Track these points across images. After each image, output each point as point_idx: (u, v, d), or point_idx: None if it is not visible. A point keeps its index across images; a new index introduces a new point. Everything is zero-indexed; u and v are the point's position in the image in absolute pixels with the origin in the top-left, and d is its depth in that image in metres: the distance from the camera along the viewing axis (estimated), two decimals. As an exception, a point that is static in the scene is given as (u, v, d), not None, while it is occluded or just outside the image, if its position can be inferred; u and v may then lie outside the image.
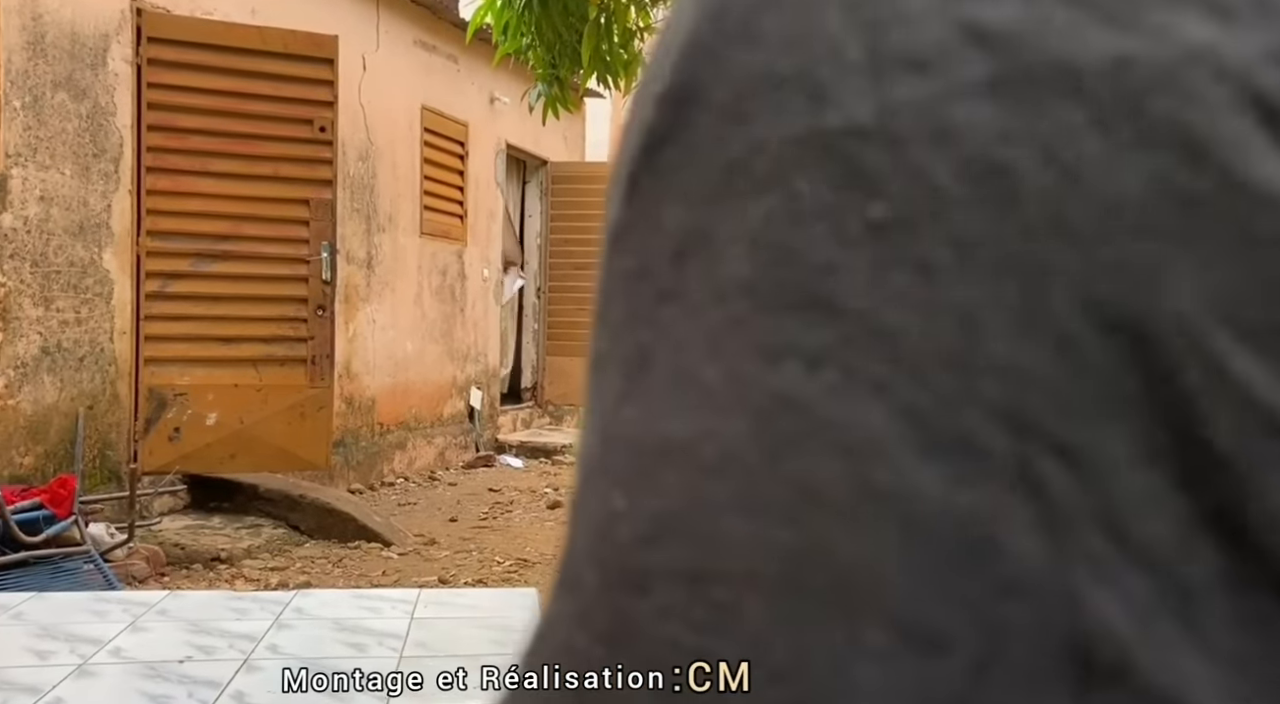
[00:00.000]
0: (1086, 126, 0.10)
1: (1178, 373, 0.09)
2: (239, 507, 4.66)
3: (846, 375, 0.10)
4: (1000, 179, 0.10)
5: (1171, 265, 0.09)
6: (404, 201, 6.14)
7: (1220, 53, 0.10)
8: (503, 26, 3.87)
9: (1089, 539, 0.09)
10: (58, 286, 4.02)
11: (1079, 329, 0.09)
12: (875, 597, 0.10)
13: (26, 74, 3.86)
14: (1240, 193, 0.09)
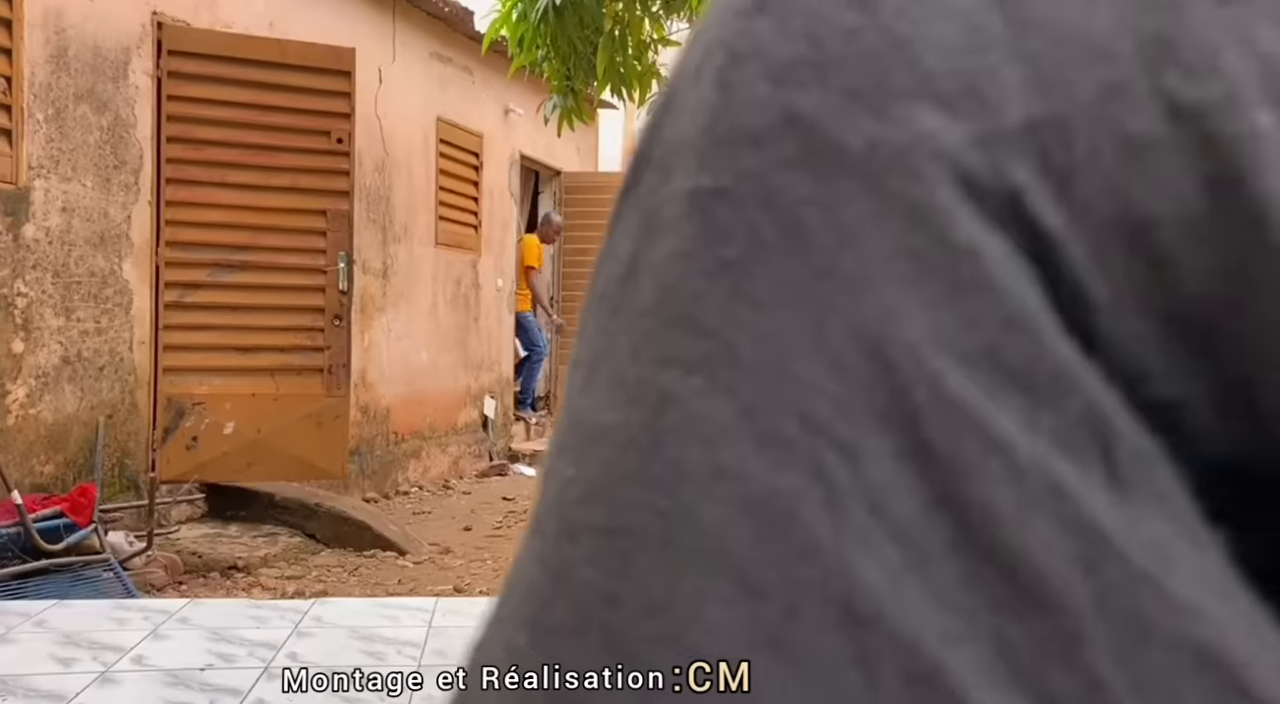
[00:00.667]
0: (854, 196, 0.13)
1: (910, 389, 0.12)
2: (255, 515, 4.68)
3: (709, 380, 0.13)
4: (801, 233, 0.13)
5: (906, 304, 0.12)
6: (419, 212, 6.18)
7: (939, 139, 0.12)
8: (518, 39, 3.90)
9: (858, 516, 0.12)
10: (78, 297, 4.06)
11: (847, 354, 0.12)
12: (722, 554, 0.12)
13: (49, 87, 3.91)
14: (950, 249, 0.12)
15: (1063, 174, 0.12)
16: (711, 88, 0.14)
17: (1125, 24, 0.12)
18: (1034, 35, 0.12)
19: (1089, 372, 0.12)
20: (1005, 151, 0.12)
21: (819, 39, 0.13)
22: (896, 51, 0.13)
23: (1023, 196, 0.12)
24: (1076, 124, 0.12)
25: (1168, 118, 0.12)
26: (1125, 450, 0.12)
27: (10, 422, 3.79)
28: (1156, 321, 0.12)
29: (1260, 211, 0.12)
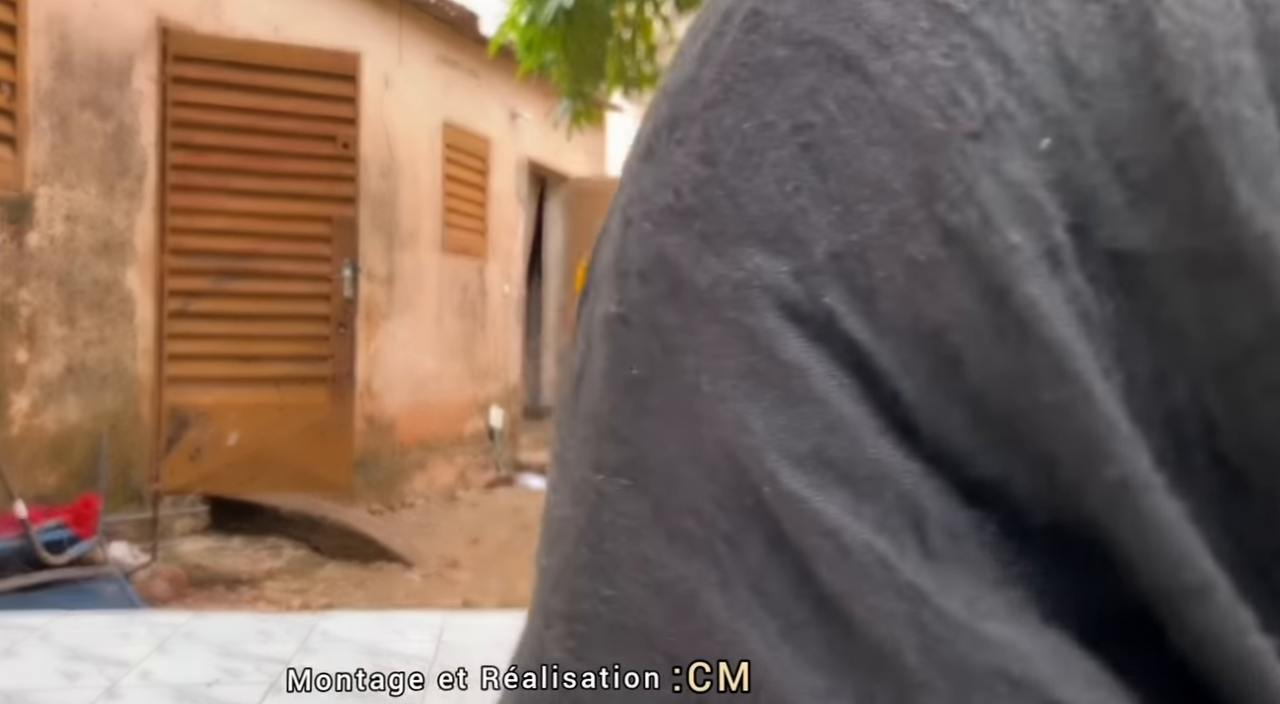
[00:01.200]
0: (705, 324, 0.15)
1: (759, 487, 0.14)
2: (259, 527, 4.63)
3: (631, 482, 0.15)
4: (676, 356, 0.15)
5: (749, 414, 0.15)
6: (425, 218, 6.13)
7: (764, 274, 0.15)
8: (526, 42, 3.86)
9: (743, 594, 0.14)
10: (82, 306, 4.01)
11: (716, 459, 0.15)
12: (650, 634, 0.15)
13: (53, 93, 3.87)
14: (780, 366, 0.14)
15: (865, 295, 0.14)
16: (618, 224, 0.17)
17: (901, 163, 0.14)
18: (833, 179, 0.14)
19: (903, 463, 0.14)
20: (817, 280, 0.14)
21: (680, 189, 0.16)
22: (730, 200, 0.15)
23: (835, 317, 0.14)
24: (871, 252, 0.14)
25: (941, 242, 0.14)
26: (935, 527, 0.14)
27: (14, 432, 3.74)
28: (962, 413, 0.14)
29: (1025, 315, 0.13)
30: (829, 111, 0.15)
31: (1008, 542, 0.14)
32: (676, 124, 0.16)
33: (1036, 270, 0.14)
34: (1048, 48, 0.14)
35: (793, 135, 0.15)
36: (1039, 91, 0.14)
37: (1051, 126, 0.14)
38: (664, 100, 0.17)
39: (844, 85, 0.15)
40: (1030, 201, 0.14)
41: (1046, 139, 0.14)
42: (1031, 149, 0.14)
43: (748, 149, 0.15)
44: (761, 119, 0.15)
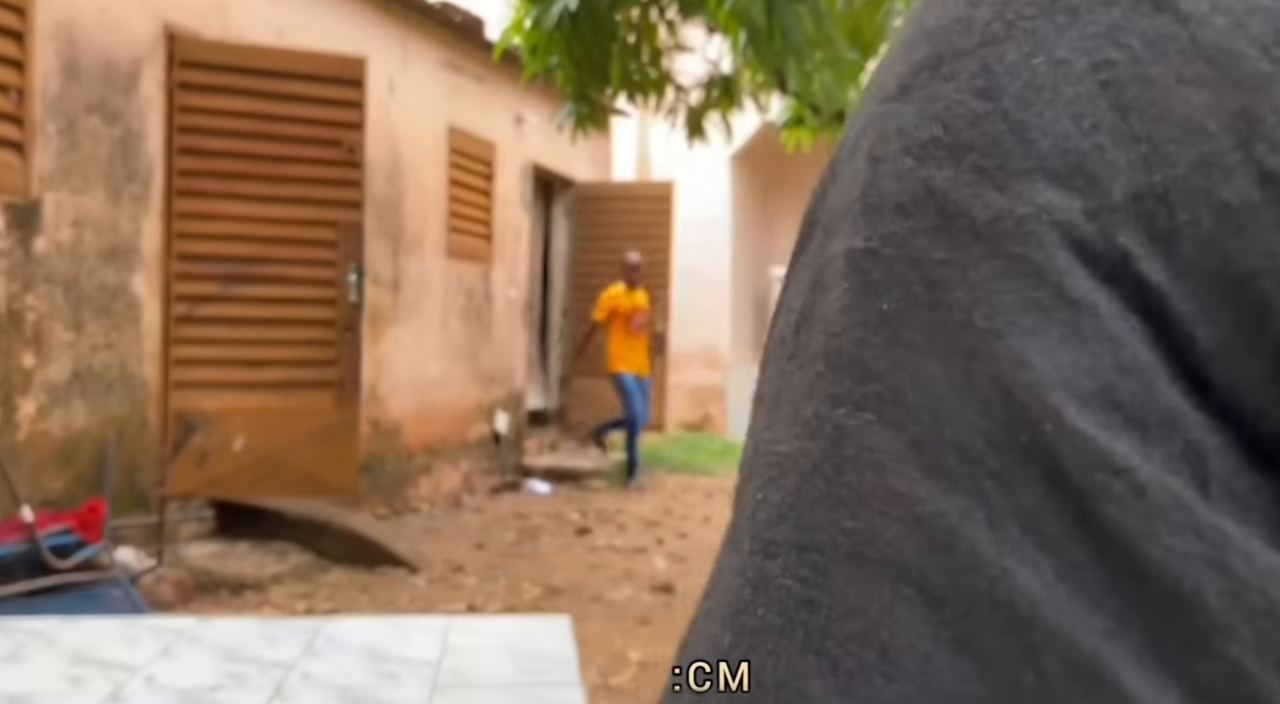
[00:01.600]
0: (983, 258, 0.15)
1: (1040, 425, 0.14)
2: (265, 532, 4.63)
3: (879, 416, 0.15)
4: (942, 289, 0.15)
5: (1032, 351, 0.14)
6: (430, 222, 6.14)
7: (1055, 211, 0.14)
8: (531, 47, 3.87)
9: (1014, 532, 0.14)
10: (89, 311, 4.02)
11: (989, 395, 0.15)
12: (903, 567, 0.14)
13: (61, 99, 3.88)
14: (1068, 303, 0.14)
15: (1166, 238, 0.14)
16: (864, 162, 0.17)
17: (1216, 104, 0.14)
18: (1135, 118, 0.14)
19: (1193, 413, 0.14)
20: (1114, 221, 0.14)
21: (951, 123, 0.16)
22: (1016, 135, 0.15)
23: (1131, 258, 0.14)
24: (1176, 194, 0.14)
25: (1258, 184, 0.13)
26: (1218, 483, 0.13)
27: (20, 437, 3.74)
28: (1265, 364, 0.13)
29: None
30: (1133, 49, 0.14)
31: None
32: (942, 61, 0.16)
33: None
34: None
35: (1091, 73, 0.14)
36: None
37: None
38: (922, 40, 0.17)
39: (1151, 24, 0.14)
40: None
41: None
42: None
43: (1038, 84, 0.15)
44: (1053, 55, 0.15)
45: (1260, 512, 0.13)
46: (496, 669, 2.63)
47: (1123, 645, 0.13)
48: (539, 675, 2.56)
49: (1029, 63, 0.15)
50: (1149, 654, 0.13)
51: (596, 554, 4.96)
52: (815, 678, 0.14)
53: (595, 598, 4.19)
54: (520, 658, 2.71)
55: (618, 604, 4.09)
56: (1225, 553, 0.13)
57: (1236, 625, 0.13)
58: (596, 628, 3.76)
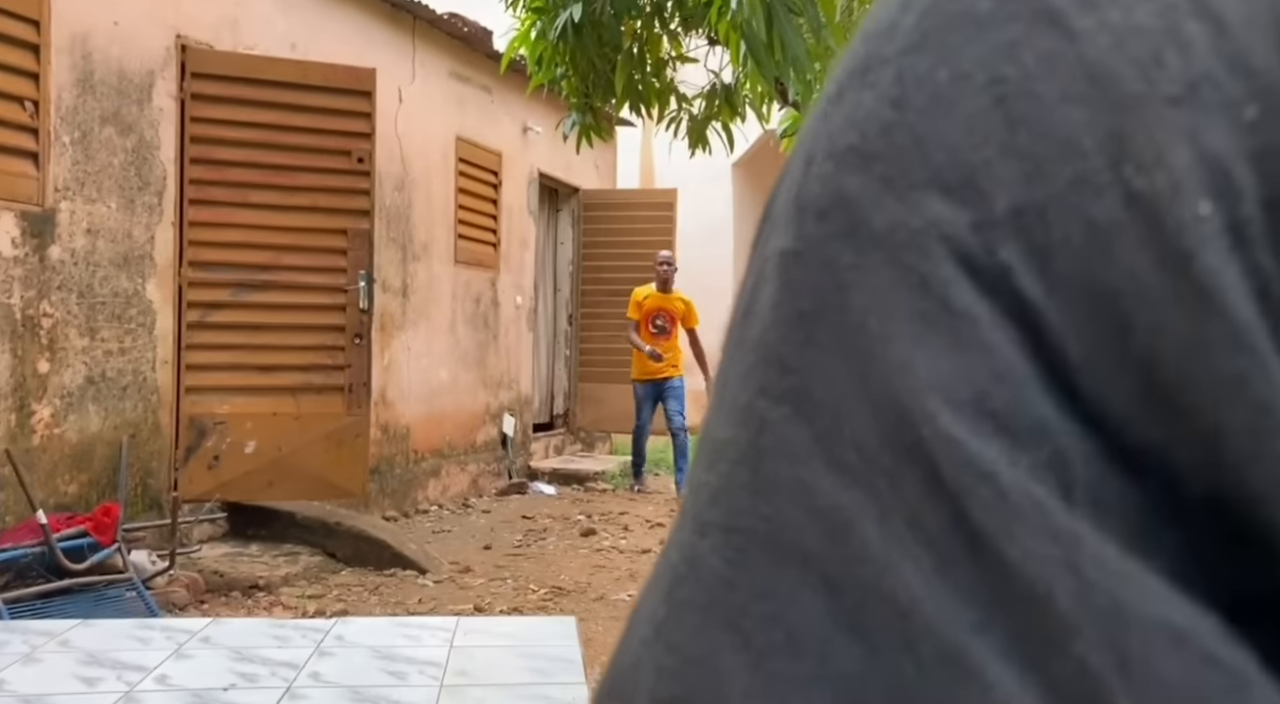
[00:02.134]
0: (879, 266, 0.16)
1: (919, 427, 0.15)
2: (276, 534, 4.69)
3: (793, 410, 0.16)
4: (847, 293, 0.16)
5: (915, 357, 0.15)
6: (438, 230, 6.21)
7: (943, 223, 0.15)
8: (537, 57, 3.92)
9: (899, 527, 0.15)
10: (102, 317, 4.10)
11: (880, 396, 0.15)
12: (807, 554, 0.15)
13: (75, 110, 3.96)
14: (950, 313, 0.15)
15: (1042, 253, 0.14)
16: (800, 163, 0.17)
17: (1094, 123, 0.14)
18: (1022, 133, 0.14)
19: (1062, 422, 0.14)
20: (996, 234, 0.15)
21: (866, 131, 0.16)
22: (917, 146, 0.15)
23: (1010, 272, 0.14)
24: (1052, 210, 0.14)
25: (1124, 205, 0.14)
26: (1083, 489, 0.14)
27: (36, 441, 3.82)
28: (1129, 378, 0.14)
29: (1205, 284, 0.13)
30: (1026, 66, 0.14)
31: (1157, 512, 0.14)
32: (869, 67, 0.16)
33: (1221, 242, 0.13)
34: (1267, 12, 0.14)
35: (988, 87, 0.15)
36: (1252, 59, 0.13)
37: (1261, 96, 0.13)
38: (860, 43, 0.17)
39: (1045, 41, 0.14)
40: (1224, 173, 0.13)
41: (1254, 108, 0.13)
42: (1235, 118, 0.13)
43: (940, 97, 0.15)
44: (957, 68, 0.15)
45: (1121, 518, 0.14)
46: (503, 669, 2.68)
47: (989, 640, 0.14)
48: (545, 675, 2.61)
49: (935, 74, 0.15)
50: (1013, 649, 0.13)
51: (602, 555, 5.01)
52: (729, 653, 0.15)
53: (600, 599, 4.24)
54: (527, 658, 2.76)
55: (623, 605, 4.14)
56: (1078, 556, 0.13)
57: (1083, 625, 0.13)
58: (601, 628, 3.81)
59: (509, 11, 3.99)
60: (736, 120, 4.23)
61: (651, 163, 9.80)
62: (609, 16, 3.50)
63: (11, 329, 3.74)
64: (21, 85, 3.75)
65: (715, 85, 4.20)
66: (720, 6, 2.92)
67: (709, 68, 4.13)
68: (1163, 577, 0.14)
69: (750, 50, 2.94)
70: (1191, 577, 0.14)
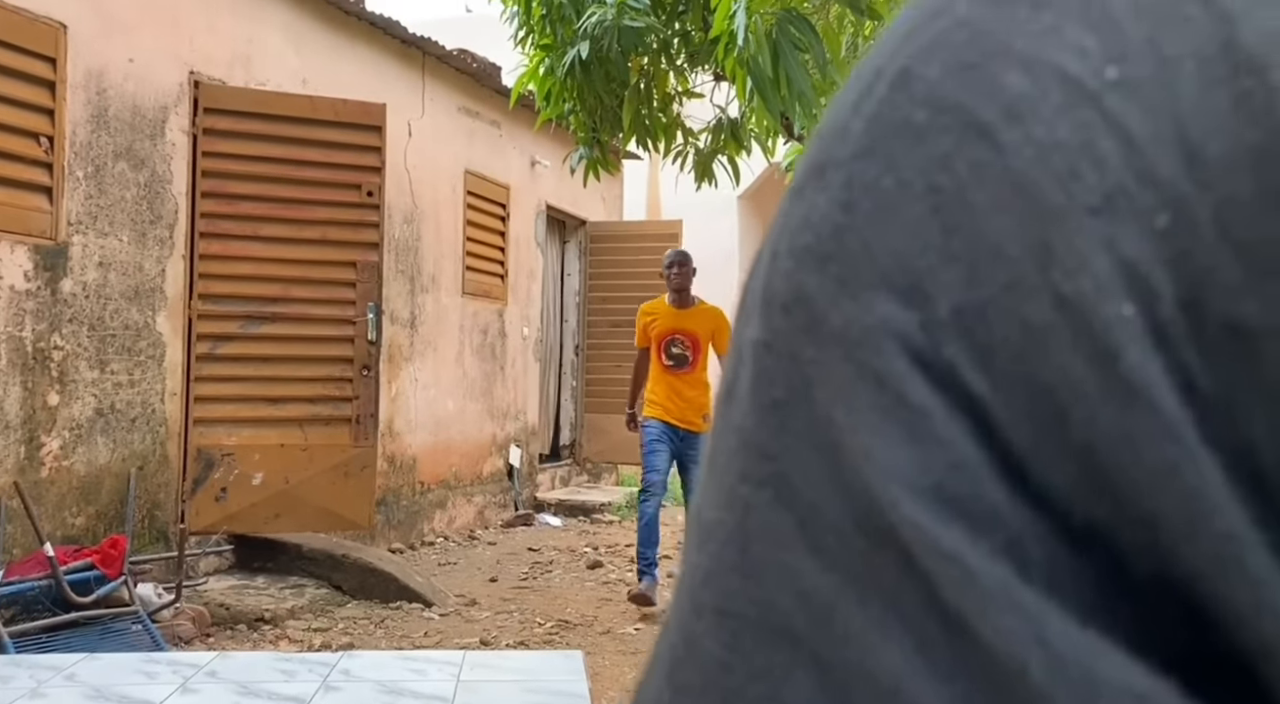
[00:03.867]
0: (839, 361, 0.17)
1: (886, 513, 0.16)
2: (282, 566, 4.68)
3: (775, 495, 0.16)
4: (812, 386, 0.17)
5: (877, 448, 0.16)
6: (446, 262, 6.25)
7: (894, 323, 0.16)
8: (545, 93, 3.97)
9: (878, 610, 0.15)
10: (113, 349, 4.12)
11: (850, 483, 0.16)
12: (795, 636, 0.16)
13: (89, 146, 4.01)
14: (906, 407, 0.16)
15: (984, 351, 0.15)
16: (768, 255, 0.18)
17: (1021, 230, 0.15)
18: (958, 240, 0.16)
19: (1014, 506, 0.15)
20: (941, 334, 0.15)
21: (821, 232, 0.17)
22: (865, 250, 0.16)
23: (956, 368, 0.15)
24: (990, 312, 0.15)
25: (1055, 307, 0.15)
26: (1039, 567, 0.15)
27: (44, 474, 3.83)
28: (1070, 465, 0.15)
29: (1132, 380, 0.14)
30: (959, 176, 0.16)
31: (1108, 586, 0.15)
32: (824, 169, 0.17)
33: (1145, 341, 0.14)
34: (1171, 129, 0.15)
35: (926, 195, 0.16)
36: (1159, 171, 0.15)
37: (1170, 206, 0.14)
38: (818, 143, 0.18)
39: (975, 152, 0.15)
40: (1143, 277, 0.14)
41: (1164, 217, 0.14)
42: (1148, 227, 0.15)
43: (884, 204, 0.16)
44: (899, 176, 0.16)
45: (1076, 593, 0.15)
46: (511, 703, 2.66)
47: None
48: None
49: (881, 182, 0.16)
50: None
51: (609, 588, 4.99)
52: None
53: (607, 632, 4.22)
54: (534, 693, 2.74)
55: (630, 638, 4.11)
56: (1045, 631, 0.14)
57: (1057, 696, 0.14)
58: (609, 662, 3.78)
59: (518, 48, 4.04)
60: (742, 154, 4.26)
61: (658, 195, 9.86)
62: (616, 53, 3.54)
63: (22, 362, 3.76)
64: (37, 121, 3.80)
65: (721, 120, 4.24)
66: (727, 43, 2.96)
67: (715, 103, 4.18)
68: (1122, 645, 0.14)
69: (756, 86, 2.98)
70: (1149, 644, 0.14)
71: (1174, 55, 0.15)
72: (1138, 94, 0.15)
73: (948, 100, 0.16)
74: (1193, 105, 0.15)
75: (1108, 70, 0.15)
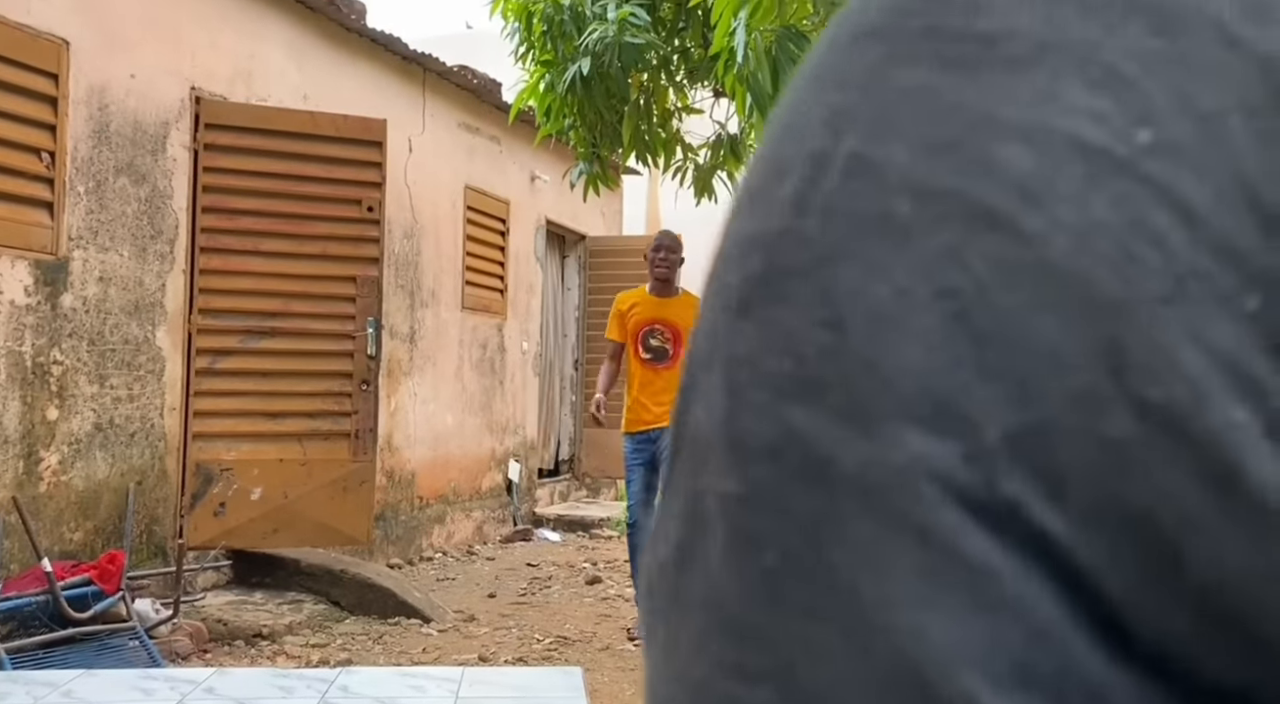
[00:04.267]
0: (856, 514, 0.14)
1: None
2: (280, 582, 4.67)
3: (780, 693, 0.13)
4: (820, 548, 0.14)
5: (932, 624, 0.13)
6: (446, 277, 6.26)
7: (930, 459, 0.13)
8: (545, 109, 3.99)
9: None
10: (112, 364, 4.12)
11: (893, 675, 0.13)
12: None
13: (91, 161, 4.02)
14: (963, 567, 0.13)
15: (1053, 481, 0.12)
16: (721, 388, 0.15)
17: (1077, 333, 0.13)
18: (994, 351, 0.13)
19: (1119, 677, 0.12)
20: (994, 466, 0.13)
21: (802, 356, 0.14)
22: (870, 374, 0.13)
23: (1020, 507, 0.13)
24: (1055, 432, 0.13)
25: (1139, 418, 0.12)
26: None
27: (42, 489, 3.82)
28: (1187, 611, 0.12)
29: (1262, 502, 0.12)
30: (977, 274, 0.13)
31: None
32: (777, 280, 0.14)
33: (1266, 449, 0.12)
34: (1236, 194, 0.12)
35: (937, 301, 0.13)
36: (1235, 244, 0.12)
37: (1258, 283, 0.12)
38: (751, 249, 0.15)
39: (991, 246, 0.13)
40: (1245, 371, 0.12)
41: (1255, 298, 0.12)
42: (1238, 311, 0.12)
43: (881, 315, 0.13)
44: (894, 283, 0.13)
45: None
46: (508, 721, 2.64)
47: None
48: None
49: (868, 289, 0.13)
50: None
51: (608, 604, 4.97)
52: None
53: (606, 649, 4.20)
54: (532, 710, 2.72)
55: (629, 655, 4.09)
56: None
57: None
58: (608, 679, 3.77)
59: (518, 64, 4.06)
60: (742, 169, 4.28)
61: (657, 210, 9.89)
62: (617, 70, 3.56)
63: (22, 376, 3.76)
64: (38, 136, 3.81)
65: (721, 136, 4.25)
66: (726, 60, 2.98)
67: (715, 119, 4.19)
68: None
69: (756, 102, 2.99)
70: None
71: (1213, 110, 0.13)
72: (1183, 157, 0.13)
73: (934, 186, 0.13)
74: (1256, 164, 0.12)
75: (1138, 134, 0.13)
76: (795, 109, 0.15)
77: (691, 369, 0.16)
